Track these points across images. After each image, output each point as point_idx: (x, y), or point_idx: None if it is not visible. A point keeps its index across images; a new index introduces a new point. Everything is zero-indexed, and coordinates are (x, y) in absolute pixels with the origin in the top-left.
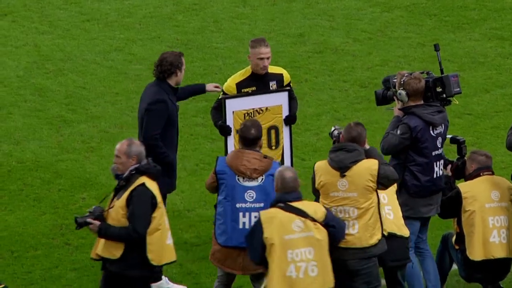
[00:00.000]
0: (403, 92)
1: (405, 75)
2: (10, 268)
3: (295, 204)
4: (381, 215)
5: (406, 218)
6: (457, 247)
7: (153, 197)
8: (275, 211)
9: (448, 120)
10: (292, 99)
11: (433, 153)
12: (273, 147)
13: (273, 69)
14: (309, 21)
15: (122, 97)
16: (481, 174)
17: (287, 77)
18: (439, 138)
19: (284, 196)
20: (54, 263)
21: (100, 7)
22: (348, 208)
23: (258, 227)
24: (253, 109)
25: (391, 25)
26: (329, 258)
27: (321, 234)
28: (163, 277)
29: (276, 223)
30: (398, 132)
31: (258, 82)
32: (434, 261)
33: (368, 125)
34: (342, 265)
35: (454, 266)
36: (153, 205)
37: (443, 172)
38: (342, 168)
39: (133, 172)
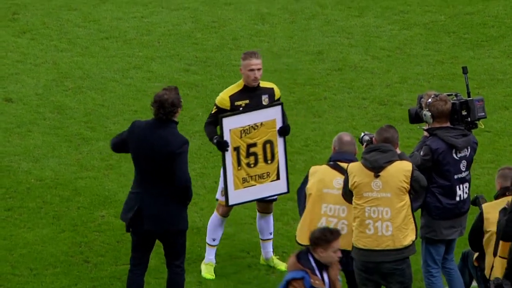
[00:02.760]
0: (428, 114)
1: (432, 96)
2: (29, 286)
3: (343, 164)
4: (414, 217)
5: (428, 240)
6: (476, 264)
7: None
8: (321, 167)
9: (477, 143)
10: (283, 113)
11: (456, 176)
12: (269, 161)
13: (265, 84)
14: (327, 38)
15: (141, 115)
16: (507, 194)
17: (277, 92)
18: (463, 161)
19: (335, 156)
20: (73, 280)
21: (118, 25)
22: (382, 209)
23: (305, 179)
24: (248, 125)
25: (410, 42)
26: None
27: None
28: None
29: (318, 176)
30: (421, 153)
31: (251, 95)
32: (462, 280)
33: None
34: (376, 267)
35: (474, 283)
36: None
37: (468, 195)
38: (376, 168)
39: None
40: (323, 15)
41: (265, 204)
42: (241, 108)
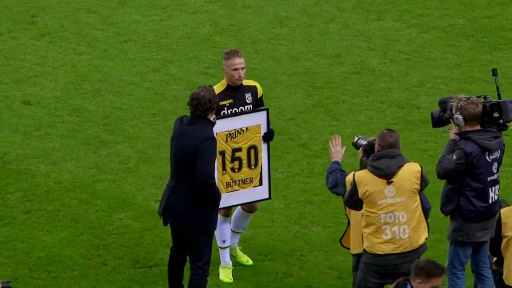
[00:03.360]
0: (460, 117)
1: (463, 99)
2: None
3: None
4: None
5: (458, 243)
6: (495, 267)
7: None
8: (365, 174)
9: (504, 145)
10: (268, 118)
11: (488, 179)
12: (253, 167)
13: (247, 82)
14: (346, 42)
15: (159, 118)
16: None
17: (260, 90)
18: (495, 163)
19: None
20: (91, 283)
21: (137, 28)
22: (398, 213)
23: (353, 185)
24: (235, 129)
25: (428, 46)
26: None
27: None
28: None
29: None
30: (454, 157)
31: (234, 94)
32: None
33: (405, 146)
34: (394, 270)
35: None
36: None
37: (498, 197)
38: (388, 175)
39: None
40: (342, 18)
41: (253, 205)
42: (225, 108)
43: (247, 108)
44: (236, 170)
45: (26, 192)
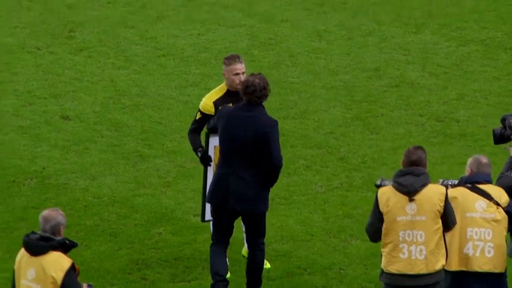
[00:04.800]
0: None
1: None
2: None
3: (482, 186)
4: (445, 241)
5: None
6: None
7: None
8: (460, 190)
9: None
10: None
11: None
12: None
13: None
14: (384, 55)
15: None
16: None
17: None
18: None
19: (473, 178)
20: None
21: (175, 43)
22: (416, 232)
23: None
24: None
25: (467, 59)
26: (505, 243)
27: (502, 217)
28: None
29: (458, 201)
30: None
31: (234, 99)
32: None
33: (445, 159)
34: None
35: None
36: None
37: None
38: (411, 192)
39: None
40: (380, 31)
41: None
42: None
43: None
44: None
45: (65, 206)
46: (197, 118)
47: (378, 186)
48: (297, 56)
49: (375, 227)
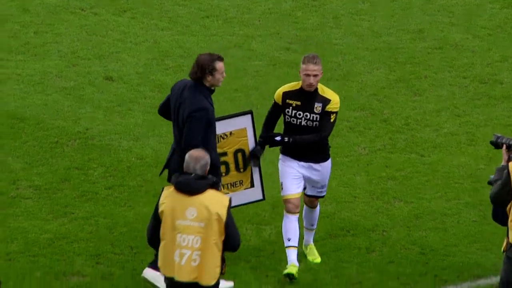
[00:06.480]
0: None
1: None
2: (130, 264)
3: None
4: None
5: None
6: None
7: (158, 203)
8: None
9: None
10: (322, 126)
11: None
12: (241, 170)
13: (325, 93)
14: (428, 17)
15: (241, 94)
16: None
17: (334, 105)
18: None
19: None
20: None
21: (219, 4)
22: None
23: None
24: (217, 135)
25: (510, 21)
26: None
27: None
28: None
29: None
30: None
31: (303, 99)
32: None
33: (488, 121)
34: None
35: None
36: (157, 211)
37: None
38: None
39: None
40: None
41: (309, 199)
42: (291, 107)
43: (313, 117)
44: (224, 174)
45: (108, 167)
46: (271, 105)
47: (496, 144)
48: (341, 17)
49: (506, 195)
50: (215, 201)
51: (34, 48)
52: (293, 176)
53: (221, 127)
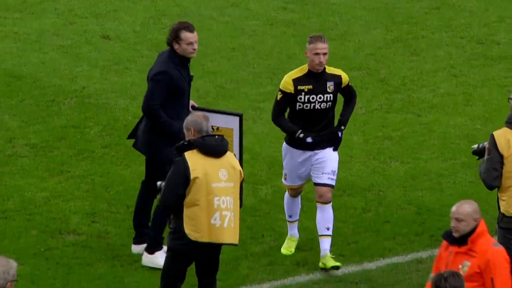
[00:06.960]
0: None
1: None
2: (126, 223)
3: None
4: None
5: None
6: None
7: (186, 170)
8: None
9: None
10: (351, 96)
11: None
12: None
13: (332, 70)
14: None
15: (238, 53)
16: None
17: (345, 79)
18: None
19: None
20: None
21: None
22: None
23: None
24: None
25: None
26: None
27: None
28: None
29: None
30: None
31: (315, 80)
32: None
33: (485, 82)
34: None
35: None
36: (186, 178)
37: None
38: None
39: (185, 143)
40: None
41: (320, 189)
42: (303, 93)
43: (326, 97)
44: None
45: (105, 126)
46: (278, 98)
47: (476, 152)
48: None
49: (495, 173)
50: (235, 160)
51: (31, 6)
52: (296, 171)
53: (211, 119)
